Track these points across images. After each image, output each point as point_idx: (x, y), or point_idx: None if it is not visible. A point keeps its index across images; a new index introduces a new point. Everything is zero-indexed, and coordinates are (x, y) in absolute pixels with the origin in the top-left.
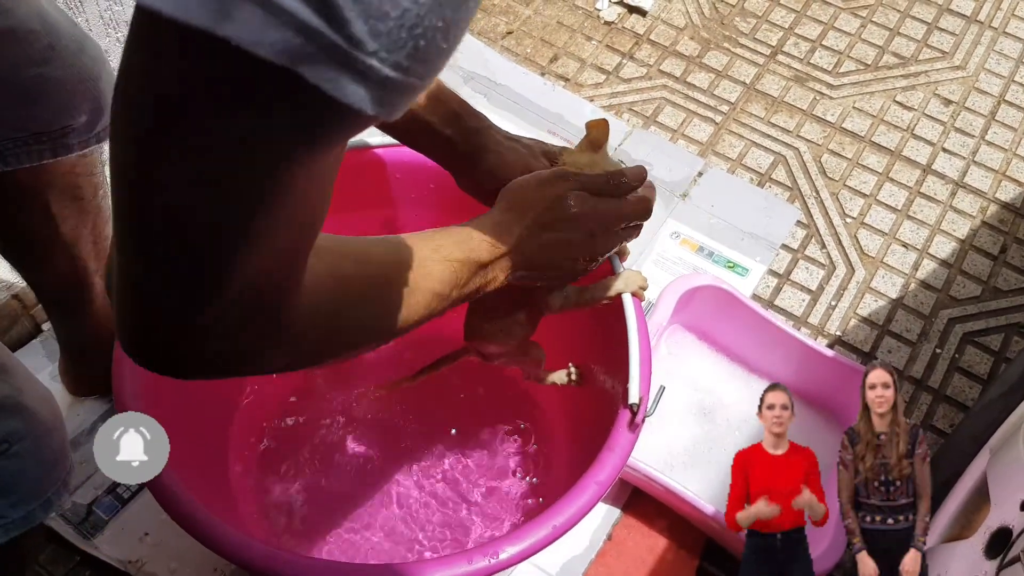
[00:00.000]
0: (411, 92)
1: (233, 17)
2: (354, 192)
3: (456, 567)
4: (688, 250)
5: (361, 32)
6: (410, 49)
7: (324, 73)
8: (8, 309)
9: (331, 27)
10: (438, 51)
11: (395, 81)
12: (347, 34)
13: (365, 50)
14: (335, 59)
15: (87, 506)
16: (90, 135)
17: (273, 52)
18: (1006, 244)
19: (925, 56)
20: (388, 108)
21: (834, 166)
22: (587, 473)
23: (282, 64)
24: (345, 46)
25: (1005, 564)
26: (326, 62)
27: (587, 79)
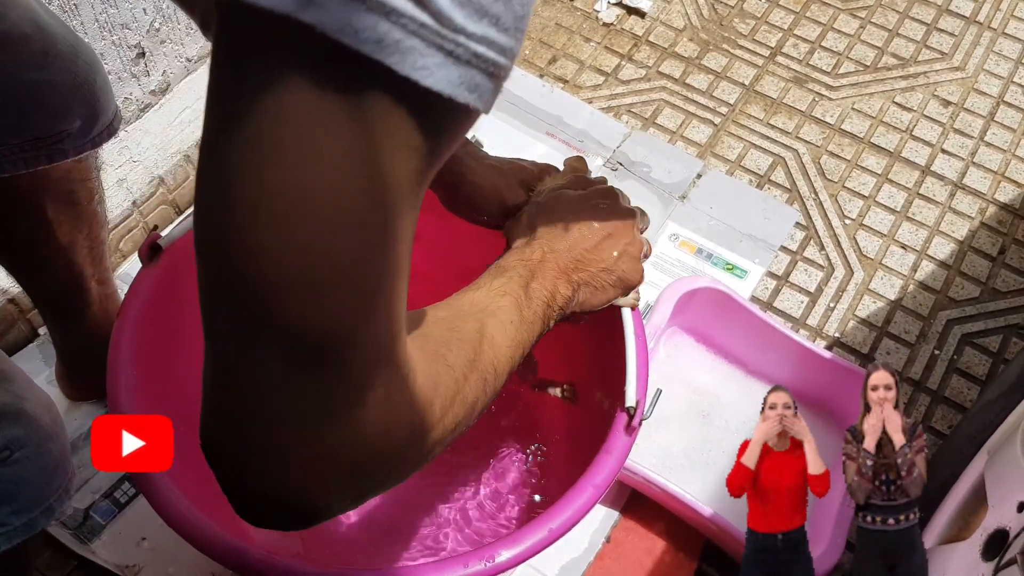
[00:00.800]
0: (500, 73)
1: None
2: None
3: (452, 571)
4: (687, 252)
5: (446, 5)
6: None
7: (415, 61)
8: (5, 313)
9: (416, 4)
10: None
11: (484, 58)
12: (433, 10)
13: (453, 26)
14: (423, 39)
15: (84, 511)
16: (85, 140)
17: (359, 39)
18: (1005, 245)
19: (924, 57)
20: (479, 94)
21: (833, 167)
22: (584, 476)
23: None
24: (432, 23)
25: (1002, 566)
26: (415, 47)
27: (586, 81)
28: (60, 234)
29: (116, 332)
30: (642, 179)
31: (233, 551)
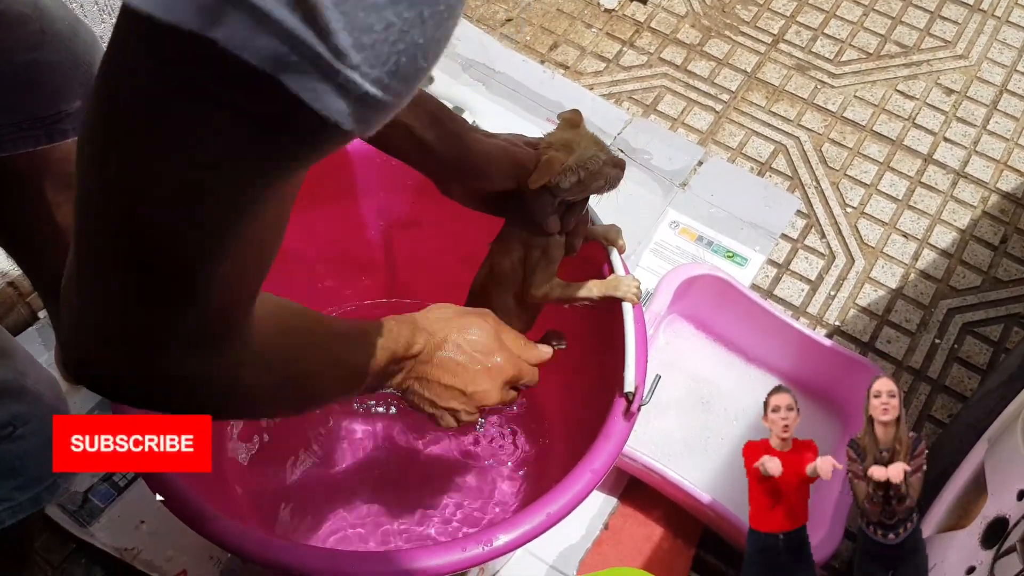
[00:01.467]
0: (387, 111)
1: (222, 21)
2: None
3: (451, 554)
4: (687, 239)
5: (345, 44)
6: (391, 65)
7: (306, 83)
8: (4, 296)
9: (317, 37)
10: (416, 70)
11: (374, 98)
12: (332, 45)
13: (348, 63)
14: (318, 69)
15: (83, 494)
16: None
17: (258, 58)
18: (1007, 234)
19: (927, 45)
20: (363, 125)
21: (835, 155)
22: (582, 461)
23: (266, 70)
24: (329, 57)
25: (1001, 553)
26: (309, 72)
27: (587, 67)
28: (59, 216)
29: None
30: (643, 166)
31: (231, 534)
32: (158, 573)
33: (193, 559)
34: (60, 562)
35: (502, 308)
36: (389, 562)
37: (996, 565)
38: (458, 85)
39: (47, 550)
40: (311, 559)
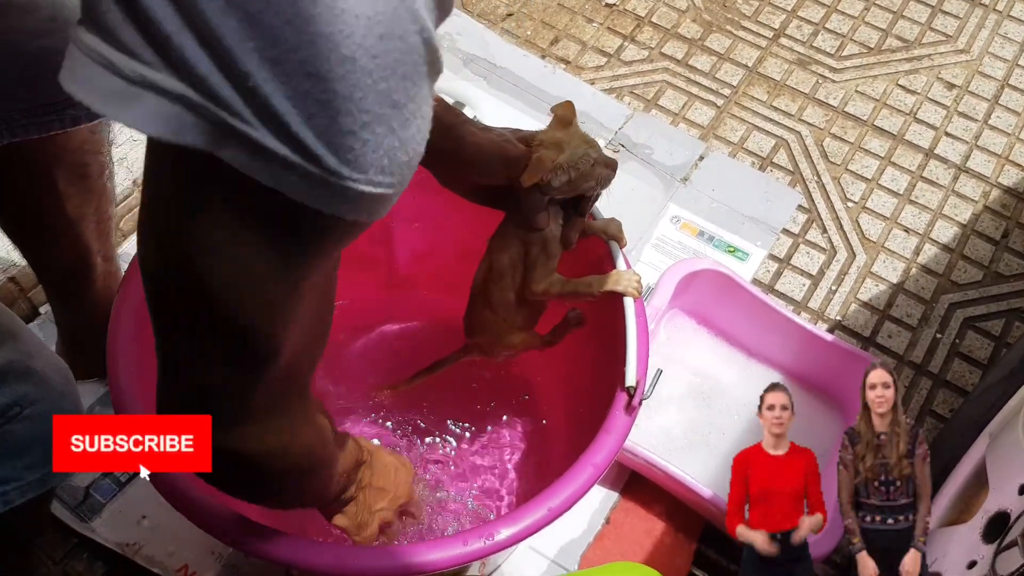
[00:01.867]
0: (391, 197)
1: (225, 145)
2: None
3: (452, 549)
4: (688, 234)
5: (334, 164)
6: (377, 168)
7: (309, 193)
8: (5, 291)
9: (308, 162)
10: (400, 164)
11: (371, 194)
12: (323, 166)
13: (340, 176)
14: (317, 184)
15: (85, 489)
16: None
17: (263, 176)
18: (1008, 229)
19: (929, 39)
20: (370, 213)
21: (836, 150)
22: (583, 455)
23: (271, 186)
24: (322, 174)
25: (1002, 548)
26: (310, 186)
27: (588, 62)
28: (70, 207)
29: (116, 310)
30: (644, 161)
31: (233, 528)
32: (160, 568)
33: (195, 554)
34: (62, 557)
35: (502, 305)
36: (391, 556)
37: (997, 559)
38: (459, 80)
39: (49, 545)
40: (313, 553)
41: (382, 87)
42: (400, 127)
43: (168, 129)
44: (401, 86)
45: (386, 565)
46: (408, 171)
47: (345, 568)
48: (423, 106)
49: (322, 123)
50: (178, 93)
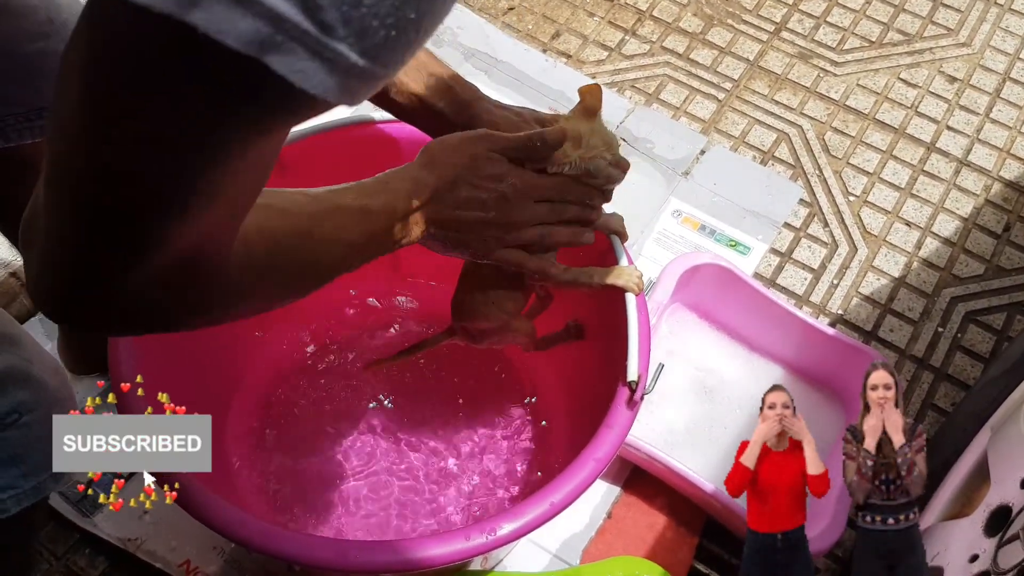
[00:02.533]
0: (375, 81)
1: (200, 5)
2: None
3: (454, 543)
4: (690, 228)
5: (334, 18)
6: (380, 38)
7: (293, 63)
8: (6, 287)
9: (304, 14)
10: (407, 43)
11: (361, 68)
12: (319, 20)
13: (336, 35)
14: (305, 47)
15: (86, 484)
16: None
17: (241, 42)
18: (1010, 223)
19: (930, 33)
20: (350, 96)
21: (837, 144)
22: (585, 450)
23: (250, 54)
24: (316, 32)
25: (1004, 541)
26: (295, 51)
27: (589, 56)
28: None
29: None
30: (645, 155)
31: (235, 524)
32: (161, 563)
33: (197, 549)
34: (63, 552)
35: (492, 286)
36: (393, 551)
37: (999, 553)
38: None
39: (50, 540)
40: (315, 548)
41: None
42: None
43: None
44: None
45: (388, 559)
46: (409, 56)
47: (347, 563)
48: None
49: None
50: None
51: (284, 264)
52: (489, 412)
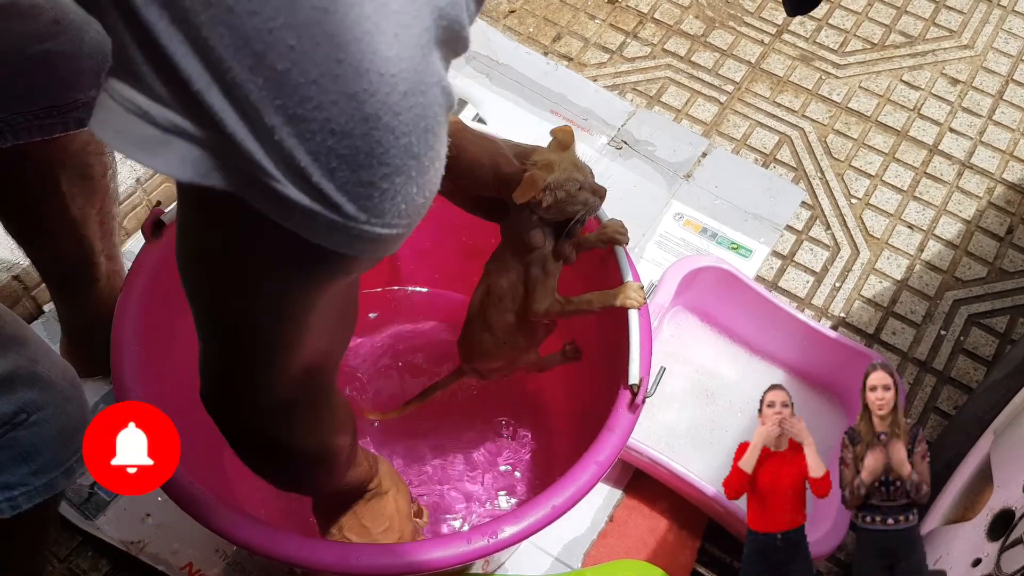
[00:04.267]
0: (401, 237)
1: (248, 191)
2: None
3: (456, 547)
4: (691, 231)
5: (353, 211)
6: (394, 213)
7: (329, 237)
8: (9, 290)
9: (328, 210)
10: (418, 206)
11: (386, 235)
12: (343, 213)
13: (358, 221)
14: (335, 229)
15: (89, 487)
16: None
17: (290, 223)
18: (1013, 225)
19: (932, 35)
20: (385, 250)
21: (839, 146)
22: (587, 453)
23: (291, 229)
24: (342, 220)
25: (1007, 546)
26: (329, 230)
27: (590, 58)
28: (73, 207)
29: (120, 307)
30: (647, 157)
31: (237, 527)
32: (164, 566)
33: (199, 552)
34: (66, 555)
35: (503, 328)
36: (396, 554)
37: (1002, 557)
38: (461, 77)
39: (53, 543)
40: (317, 551)
41: (404, 142)
42: (419, 174)
43: (197, 173)
44: (422, 139)
45: (390, 563)
46: (424, 210)
47: (348, 566)
48: (440, 150)
49: (343, 176)
50: (206, 140)
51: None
52: (490, 415)
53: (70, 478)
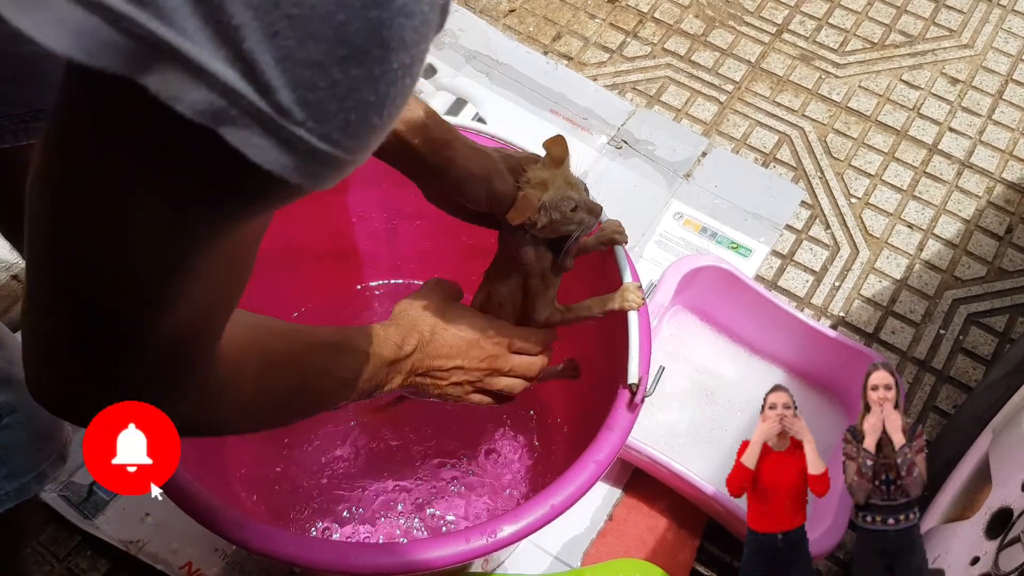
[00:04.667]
0: (343, 165)
1: (153, 70)
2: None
3: (455, 546)
4: (691, 231)
5: (288, 100)
6: (340, 122)
7: (248, 138)
8: (8, 290)
9: (257, 93)
10: (370, 127)
11: (324, 153)
12: (274, 101)
13: (292, 119)
14: (261, 124)
15: (88, 486)
16: None
17: (193, 110)
18: (1012, 224)
19: (932, 34)
20: (315, 179)
21: (839, 146)
22: (586, 452)
23: (203, 123)
24: (271, 113)
25: (1005, 544)
26: (251, 127)
27: (590, 58)
28: None
29: None
30: (646, 157)
31: (237, 527)
32: (163, 565)
33: (199, 551)
34: (65, 555)
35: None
36: (394, 553)
37: (1000, 555)
38: (461, 77)
39: (52, 542)
40: (315, 550)
41: (372, 15)
42: (382, 76)
43: (79, 46)
44: (397, 22)
45: (388, 562)
46: (375, 139)
47: (346, 565)
48: (416, 64)
49: (285, 45)
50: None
51: (273, 383)
52: (489, 414)
53: (43, 483)
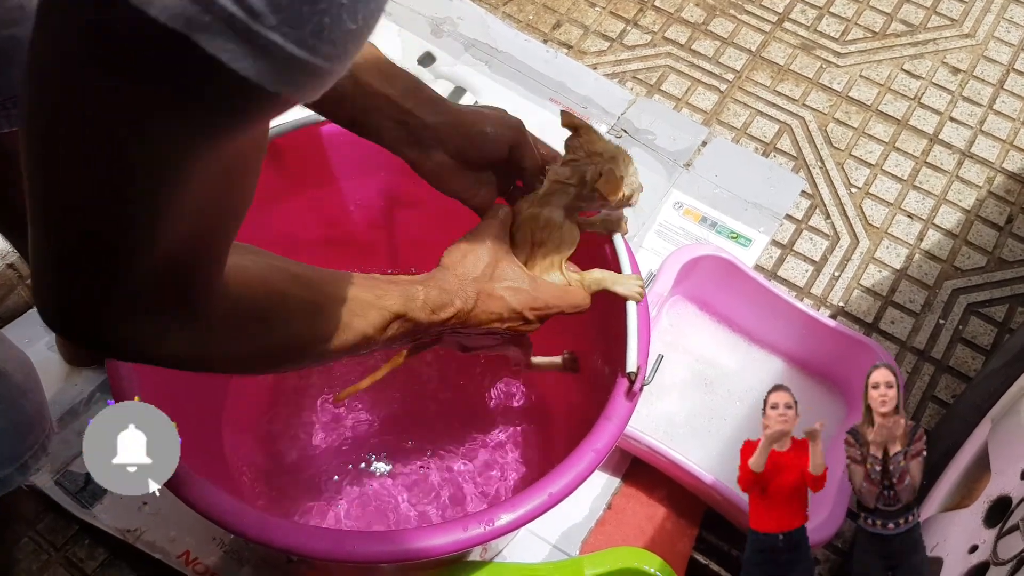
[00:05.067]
0: (321, 74)
1: None
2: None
3: (452, 534)
4: (691, 220)
5: (260, 4)
6: (314, 26)
7: (223, 44)
8: (4, 279)
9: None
10: (345, 32)
11: (300, 60)
12: (246, 5)
13: (265, 23)
14: (234, 30)
15: (85, 475)
16: None
17: (167, 16)
18: (1012, 215)
19: (934, 24)
20: (295, 88)
21: (840, 135)
22: (584, 441)
23: (176, 28)
24: (243, 17)
25: (1004, 532)
26: (225, 32)
27: (590, 46)
28: None
29: None
30: (646, 146)
31: (233, 515)
32: (161, 554)
33: (196, 540)
34: (63, 544)
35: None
36: (391, 542)
37: (999, 544)
38: (460, 65)
39: (50, 531)
40: (312, 538)
41: None
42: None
43: None
44: None
45: (386, 550)
46: (353, 46)
47: (344, 553)
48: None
49: None
50: None
51: (278, 319)
52: (487, 403)
53: (25, 475)
